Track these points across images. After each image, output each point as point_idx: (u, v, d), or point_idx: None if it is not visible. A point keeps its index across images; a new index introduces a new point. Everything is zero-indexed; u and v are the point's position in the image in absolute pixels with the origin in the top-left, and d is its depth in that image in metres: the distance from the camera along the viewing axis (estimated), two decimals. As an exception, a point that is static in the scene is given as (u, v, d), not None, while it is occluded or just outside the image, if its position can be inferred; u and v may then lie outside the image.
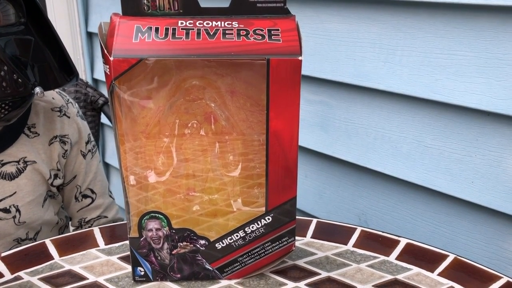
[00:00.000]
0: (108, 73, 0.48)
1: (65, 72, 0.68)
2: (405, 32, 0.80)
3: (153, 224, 0.52)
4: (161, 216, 0.52)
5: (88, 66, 1.59)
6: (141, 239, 0.53)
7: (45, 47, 0.66)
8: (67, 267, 0.57)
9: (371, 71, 0.86)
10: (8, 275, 0.56)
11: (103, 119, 1.15)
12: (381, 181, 0.91)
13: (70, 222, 0.86)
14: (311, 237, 0.64)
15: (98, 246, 0.62)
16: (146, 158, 0.51)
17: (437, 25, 0.76)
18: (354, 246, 0.62)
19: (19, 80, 0.60)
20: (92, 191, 0.82)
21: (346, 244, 0.63)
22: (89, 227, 0.82)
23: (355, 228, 0.66)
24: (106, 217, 0.84)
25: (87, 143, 0.80)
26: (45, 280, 0.55)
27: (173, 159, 0.52)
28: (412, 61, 0.80)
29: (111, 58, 0.47)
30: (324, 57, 0.91)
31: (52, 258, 0.59)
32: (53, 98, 0.76)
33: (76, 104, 0.82)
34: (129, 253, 0.60)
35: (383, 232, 0.65)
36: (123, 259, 0.59)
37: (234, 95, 0.51)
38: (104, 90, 1.25)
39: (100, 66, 1.55)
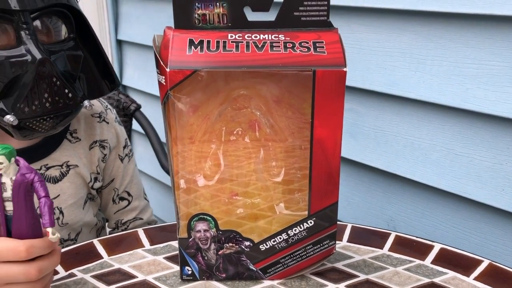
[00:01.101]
0: (164, 83, 0.51)
1: (108, 81, 0.72)
2: (436, 42, 0.82)
3: (201, 226, 0.55)
4: (209, 218, 0.55)
5: (117, 73, 1.64)
6: (190, 239, 0.56)
7: (90, 59, 0.69)
8: (116, 265, 0.61)
9: (401, 80, 0.88)
10: (62, 272, 0.59)
11: (134, 125, 1.19)
12: (410, 188, 0.93)
13: (106, 224, 0.90)
14: (347, 241, 0.66)
15: (144, 247, 0.65)
16: (195, 163, 0.54)
17: (468, 36, 0.78)
18: (389, 250, 0.64)
19: (70, 94, 0.63)
20: (129, 194, 0.85)
21: (381, 248, 0.65)
22: (125, 228, 0.86)
23: (389, 233, 0.68)
24: (141, 219, 0.87)
25: (124, 147, 0.84)
26: (97, 277, 0.58)
27: (221, 164, 0.55)
28: (442, 70, 0.82)
29: (168, 70, 0.50)
30: (354, 66, 0.94)
31: (102, 257, 0.62)
32: (92, 105, 0.80)
33: (114, 110, 0.85)
34: (174, 253, 0.64)
35: (417, 237, 0.66)
36: (168, 259, 0.62)
37: (278, 104, 0.54)
38: (134, 96, 1.29)
39: (129, 73, 1.60)
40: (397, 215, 0.96)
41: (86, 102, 0.66)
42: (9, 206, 0.49)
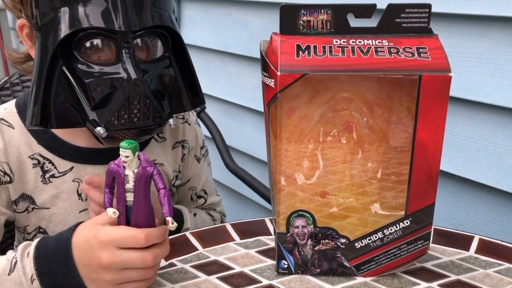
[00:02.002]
0: (273, 85, 0.54)
1: (194, 98, 0.73)
2: (516, 48, 0.82)
3: (300, 222, 0.58)
4: (308, 215, 0.58)
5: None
6: (288, 234, 0.58)
7: (180, 76, 0.71)
8: (212, 257, 0.64)
9: (477, 85, 0.88)
10: (163, 262, 0.63)
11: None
12: (482, 193, 0.93)
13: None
14: (432, 243, 0.67)
15: (235, 240, 0.68)
16: (295, 162, 0.57)
17: (552, 42, 0.78)
18: (476, 252, 0.65)
19: (157, 112, 0.65)
20: (205, 192, 0.89)
21: (467, 250, 0.66)
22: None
23: (473, 236, 0.69)
24: (215, 209, 0.90)
25: (201, 148, 0.87)
26: (196, 267, 0.62)
27: (319, 163, 0.57)
28: (522, 76, 0.82)
29: (278, 73, 0.53)
30: (427, 71, 0.95)
31: (197, 249, 0.66)
32: (175, 124, 0.82)
33: (195, 112, 0.89)
34: (264, 247, 0.66)
35: (502, 241, 0.67)
36: (260, 253, 0.65)
37: (378, 106, 0.56)
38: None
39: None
40: (466, 219, 0.96)
41: (171, 121, 0.67)
42: (129, 197, 0.53)
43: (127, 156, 0.51)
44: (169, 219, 0.52)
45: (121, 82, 0.62)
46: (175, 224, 0.53)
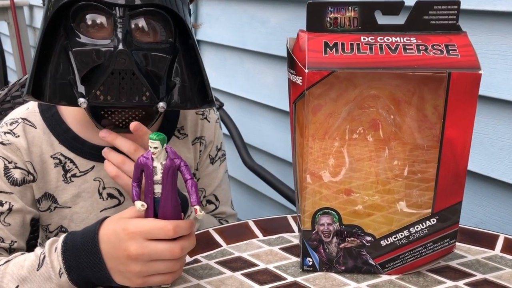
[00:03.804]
0: (300, 83, 0.54)
1: (202, 97, 0.68)
2: (541, 45, 0.81)
3: (325, 219, 0.58)
4: (333, 212, 0.58)
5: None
6: (313, 232, 0.59)
7: (188, 70, 0.67)
8: (236, 254, 0.64)
9: (501, 82, 0.87)
10: (188, 258, 0.63)
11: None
12: (504, 191, 0.92)
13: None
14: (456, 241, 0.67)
15: (258, 237, 0.69)
16: (321, 160, 0.57)
17: None
18: (501, 251, 0.64)
19: (147, 93, 0.61)
20: (216, 198, 0.85)
21: (493, 249, 0.65)
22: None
23: (498, 235, 0.68)
24: (227, 221, 0.86)
25: (218, 149, 0.85)
26: (221, 263, 0.62)
27: (345, 161, 0.57)
28: (548, 73, 0.81)
29: (306, 70, 0.53)
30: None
31: (221, 246, 0.66)
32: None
33: (218, 112, 0.88)
34: (287, 245, 0.67)
35: (527, 240, 0.66)
36: (284, 250, 0.65)
37: (405, 104, 0.55)
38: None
39: (207, 73, 1.65)
40: (488, 217, 0.96)
41: (160, 104, 0.63)
42: (157, 189, 0.54)
43: (156, 148, 0.52)
44: (197, 207, 0.53)
45: (107, 54, 0.60)
46: (203, 213, 0.53)
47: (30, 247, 1.02)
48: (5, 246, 0.67)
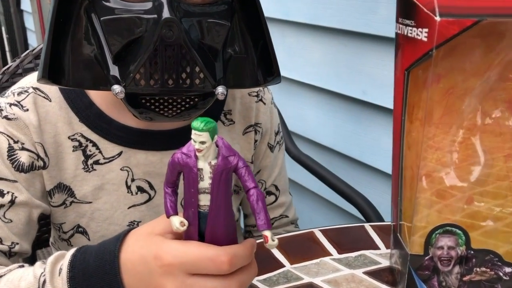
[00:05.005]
0: (424, 38, 0.36)
1: (265, 70, 0.53)
2: None
3: (446, 241, 0.40)
4: (459, 232, 0.40)
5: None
6: (426, 257, 0.41)
7: (247, 36, 0.52)
8: (305, 278, 0.47)
9: None
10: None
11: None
12: None
13: (244, 220, 0.77)
14: None
15: (331, 255, 0.51)
16: (442, 155, 0.39)
17: None
18: None
19: (201, 74, 0.47)
20: (276, 188, 0.71)
21: None
22: (270, 227, 0.72)
23: None
24: (287, 216, 0.73)
25: (276, 134, 0.69)
26: (287, 294, 0.45)
27: (478, 157, 0.39)
28: None
29: (437, 18, 0.35)
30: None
31: (283, 265, 0.49)
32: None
33: (270, 90, 0.71)
34: (374, 267, 0.49)
35: None
36: (370, 275, 0.48)
37: None
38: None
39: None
40: None
41: (220, 89, 0.48)
42: (204, 200, 0.37)
43: (203, 142, 0.35)
44: (267, 234, 0.36)
45: (148, 24, 0.45)
46: (276, 242, 0.36)
47: (42, 242, 0.87)
48: (3, 248, 0.51)
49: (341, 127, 1.15)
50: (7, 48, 3.25)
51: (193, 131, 0.35)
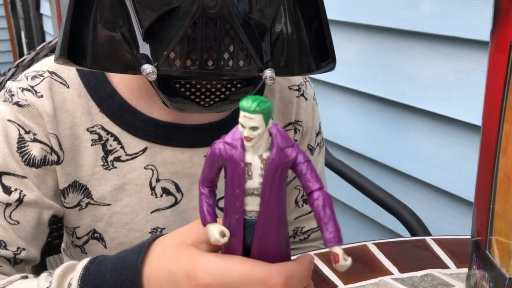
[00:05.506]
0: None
1: (318, 55, 0.46)
2: None
3: (555, 262, 0.32)
4: None
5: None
6: (528, 283, 0.33)
7: (299, 16, 0.45)
8: (365, 302, 0.39)
9: None
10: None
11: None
12: None
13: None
14: None
15: (392, 274, 0.43)
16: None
17: None
18: None
19: (246, 56, 0.40)
20: None
21: None
22: (304, 238, 0.64)
23: None
24: None
25: (317, 134, 0.62)
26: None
27: None
28: None
29: None
30: None
31: (336, 286, 0.41)
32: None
33: (312, 84, 0.64)
34: (446, 291, 0.41)
35: None
36: (443, 300, 0.40)
37: None
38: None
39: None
40: None
41: (268, 72, 0.41)
42: (251, 205, 0.29)
43: (254, 128, 0.27)
44: (338, 251, 0.28)
45: None
46: (350, 261, 0.28)
47: (52, 248, 0.80)
48: (7, 255, 0.45)
49: (375, 131, 1.07)
50: (25, 52, 3.25)
51: (241, 114, 0.27)
